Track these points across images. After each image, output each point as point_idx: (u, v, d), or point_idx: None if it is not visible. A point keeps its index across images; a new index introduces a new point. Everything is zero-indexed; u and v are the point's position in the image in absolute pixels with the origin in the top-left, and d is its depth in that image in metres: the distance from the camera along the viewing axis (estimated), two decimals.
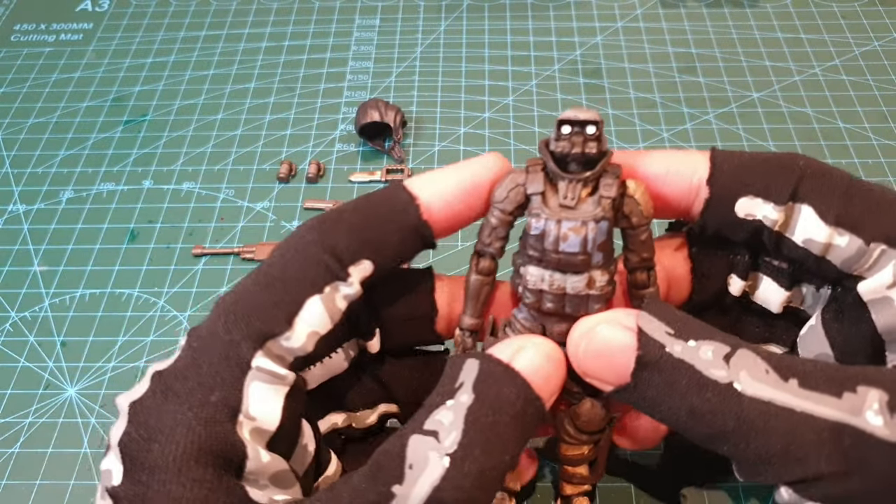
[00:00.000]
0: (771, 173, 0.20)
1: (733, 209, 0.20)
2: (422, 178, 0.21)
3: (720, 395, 0.17)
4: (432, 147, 0.46)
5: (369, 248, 0.20)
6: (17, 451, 0.33)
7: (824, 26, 0.52)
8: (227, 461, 0.16)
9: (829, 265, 0.19)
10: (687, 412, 0.17)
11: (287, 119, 0.48)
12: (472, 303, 0.22)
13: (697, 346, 0.17)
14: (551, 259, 0.19)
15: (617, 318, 0.19)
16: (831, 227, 0.19)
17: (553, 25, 0.53)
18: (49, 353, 0.37)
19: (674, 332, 0.18)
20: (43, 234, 0.42)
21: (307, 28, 0.54)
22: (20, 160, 0.46)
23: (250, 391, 0.17)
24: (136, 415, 0.17)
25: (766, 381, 0.17)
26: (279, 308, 0.18)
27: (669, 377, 0.17)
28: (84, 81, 0.51)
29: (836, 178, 0.19)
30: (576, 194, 0.19)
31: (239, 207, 0.43)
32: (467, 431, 0.17)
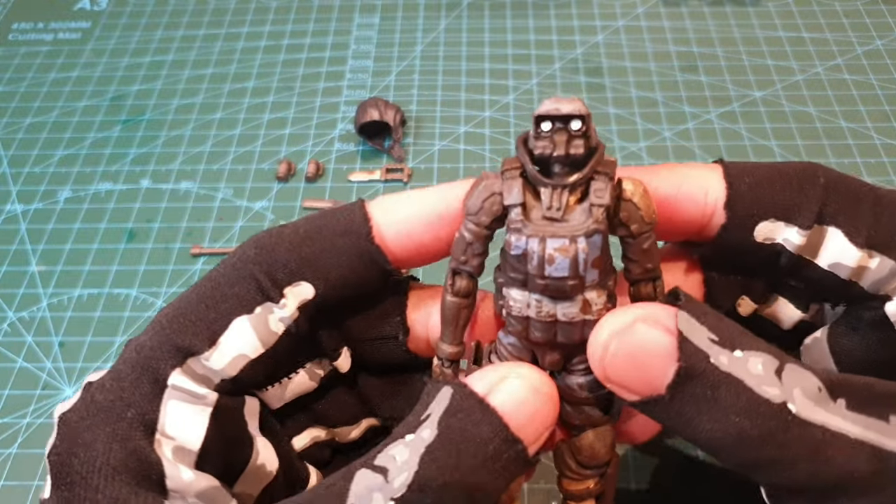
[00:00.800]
0: (792, 193, 0.18)
1: (752, 234, 0.18)
2: (385, 200, 0.19)
3: (774, 417, 0.15)
4: (432, 146, 0.45)
5: (310, 269, 0.18)
6: (15, 451, 0.33)
7: (827, 25, 0.52)
8: (145, 478, 0.16)
9: (854, 287, 0.18)
10: (734, 435, 0.15)
11: (286, 118, 0.47)
12: (449, 328, 0.19)
13: (746, 358, 0.15)
14: (536, 284, 0.16)
15: (655, 315, 0.16)
16: (863, 251, 0.17)
17: (554, 24, 0.53)
18: (47, 354, 0.37)
19: (718, 339, 0.15)
20: (41, 234, 0.42)
21: (306, 27, 0.54)
22: (18, 160, 0.46)
23: (167, 409, 0.17)
24: (62, 427, 0.17)
25: (819, 402, 0.15)
26: (202, 326, 0.17)
27: (715, 393, 0.15)
28: (82, 80, 0.51)
29: (862, 193, 0.18)
30: (562, 203, 0.16)
31: (237, 207, 0.43)
32: (421, 474, 0.15)
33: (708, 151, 0.44)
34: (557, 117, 0.16)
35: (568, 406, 0.19)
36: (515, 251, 0.16)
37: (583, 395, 0.18)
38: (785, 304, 0.20)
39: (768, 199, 0.18)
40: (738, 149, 0.44)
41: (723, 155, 0.44)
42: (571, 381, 0.18)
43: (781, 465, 0.15)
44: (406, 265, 0.19)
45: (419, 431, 0.16)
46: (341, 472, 0.16)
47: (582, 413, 0.19)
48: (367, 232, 0.18)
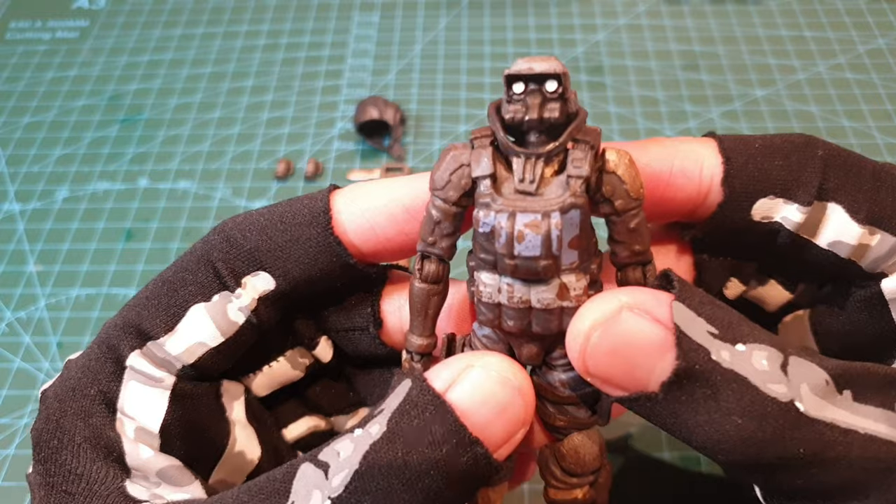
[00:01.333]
0: (791, 167, 0.16)
1: (749, 212, 0.17)
2: (352, 189, 0.18)
3: (781, 416, 0.13)
4: (432, 145, 0.45)
5: (270, 259, 0.17)
6: (14, 452, 0.33)
7: (829, 24, 0.51)
8: (107, 454, 0.16)
9: (851, 267, 0.17)
10: (735, 437, 0.14)
11: (285, 117, 0.47)
12: (418, 318, 0.17)
13: (749, 352, 0.14)
14: (506, 265, 0.15)
15: (643, 303, 0.14)
16: (864, 227, 0.16)
17: (555, 22, 0.53)
18: (45, 354, 0.37)
19: (718, 332, 0.14)
20: (38, 234, 0.42)
21: (305, 25, 0.54)
22: (15, 159, 0.46)
23: (127, 389, 0.17)
24: (42, 403, 0.17)
25: (826, 397, 0.14)
26: (161, 311, 0.17)
27: (716, 393, 0.14)
28: (80, 79, 0.51)
29: (861, 166, 0.17)
30: (535, 175, 0.14)
31: (236, 207, 0.42)
32: (361, 474, 0.14)
33: None
34: (530, 77, 0.14)
35: (549, 405, 0.17)
36: (483, 228, 0.15)
37: (565, 394, 0.17)
38: (774, 286, 0.19)
39: (767, 174, 0.16)
40: None
41: None
42: (553, 378, 0.17)
43: (786, 467, 0.14)
44: (371, 260, 0.18)
45: (368, 427, 0.15)
46: (287, 465, 0.15)
47: (565, 413, 0.17)
48: (327, 223, 0.17)
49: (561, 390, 0.17)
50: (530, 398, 0.16)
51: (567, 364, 0.17)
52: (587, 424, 0.17)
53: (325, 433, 0.22)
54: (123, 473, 0.16)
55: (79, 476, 0.15)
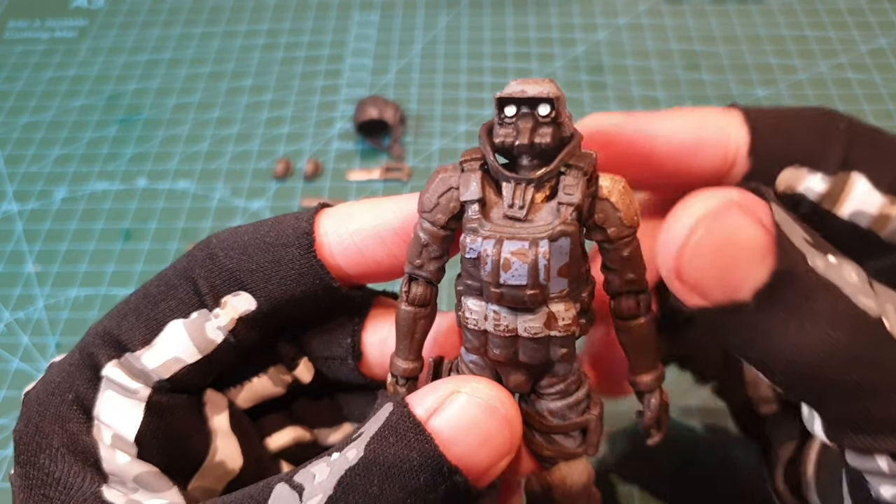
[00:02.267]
0: (815, 137, 0.16)
1: (773, 183, 0.16)
2: (340, 210, 0.17)
3: (870, 331, 0.13)
4: (432, 145, 0.45)
5: (252, 279, 0.17)
6: (12, 454, 0.33)
7: (830, 23, 0.51)
8: (84, 459, 0.16)
9: (871, 238, 0.16)
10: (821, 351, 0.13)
11: (284, 117, 0.47)
12: (404, 342, 0.17)
13: (840, 265, 0.13)
14: (491, 293, 0.14)
15: (752, 204, 0.13)
16: (886, 196, 0.16)
17: (555, 21, 0.52)
18: (44, 354, 0.37)
19: (812, 241, 0.13)
20: (37, 234, 0.42)
21: (305, 24, 0.53)
22: (14, 159, 0.46)
23: (103, 398, 0.17)
24: (24, 405, 0.17)
25: None
26: (140, 324, 0.17)
27: (809, 300, 0.13)
28: (79, 79, 0.51)
29: (886, 137, 0.17)
30: (525, 201, 0.14)
31: (235, 207, 0.42)
32: (335, 500, 0.13)
33: None
34: (523, 100, 0.14)
35: (537, 434, 0.17)
36: (470, 254, 0.14)
37: (553, 423, 0.16)
38: None
39: (792, 143, 0.16)
40: None
41: None
42: (541, 406, 0.16)
43: (863, 391, 0.13)
44: (357, 282, 0.18)
45: (346, 451, 0.14)
46: (263, 482, 0.15)
47: (553, 443, 0.17)
48: (310, 245, 0.17)
49: (549, 419, 0.17)
50: (517, 427, 0.15)
51: (556, 393, 0.16)
52: (575, 455, 0.17)
53: (308, 444, 0.21)
54: (100, 478, 0.16)
55: (56, 480, 0.15)
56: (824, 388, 0.13)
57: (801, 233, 0.13)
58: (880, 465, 0.13)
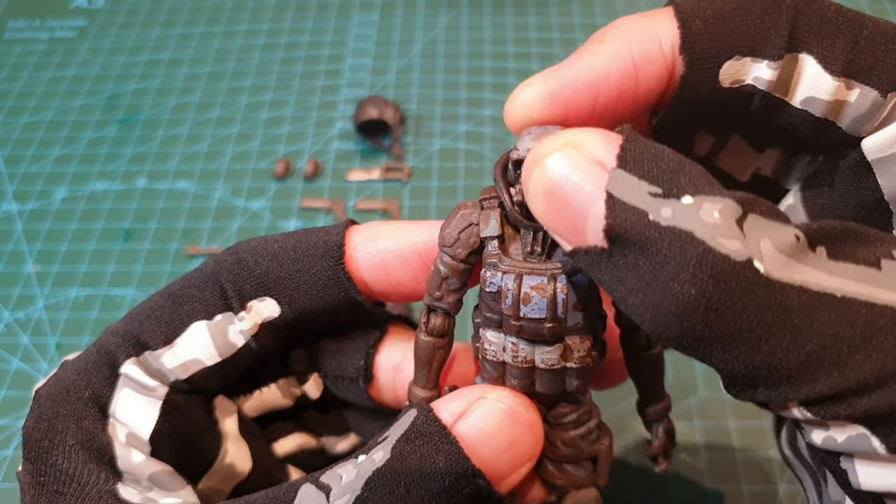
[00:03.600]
0: (755, 20, 0.15)
1: (717, 79, 0.15)
2: (371, 227, 0.18)
3: (734, 277, 0.11)
4: (432, 145, 0.45)
5: (278, 286, 0.17)
6: (12, 454, 0.33)
7: None
8: (99, 457, 0.16)
9: (830, 129, 0.15)
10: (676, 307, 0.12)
11: (284, 117, 0.47)
12: (422, 371, 0.17)
13: (697, 205, 0.12)
14: (511, 325, 0.15)
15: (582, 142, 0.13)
16: (839, 80, 0.14)
17: (555, 21, 0.52)
18: (44, 355, 0.36)
19: (662, 190, 0.12)
20: (37, 234, 0.42)
21: (304, 24, 0.53)
22: (14, 159, 0.46)
23: (120, 396, 0.17)
24: (35, 402, 0.17)
25: (795, 255, 0.12)
26: (162, 323, 0.17)
27: (653, 255, 0.12)
28: (78, 79, 0.50)
29: (838, 13, 0.15)
30: (545, 246, 0.15)
31: (235, 207, 0.42)
32: (363, 500, 0.14)
33: None
34: None
35: (549, 464, 0.17)
36: (490, 288, 0.15)
37: (565, 452, 0.17)
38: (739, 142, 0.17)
39: (730, 32, 0.15)
40: None
41: None
42: (553, 437, 0.17)
43: (743, 340, 0.12)
44: (381, 299, 0.18)
45: (372, 453, 0.15)
46: (288, 484, 0.15)
47: (564, 472, 0.17)
48: (340, 257, 0.17)
49: (561, 449, 0.17)
50: (539, 433, 0.16)
51: (568, 423, 0.17)
52: (586, 484, 0.17)
53: (315, 451, 0.22)
54: (115, 476, 0.16)
55: (70, 477, 0.15)
56: (697, 340, 0.12)
57: (647, 187, 0.12)
58: (795, 415, 0.13)
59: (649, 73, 0.15)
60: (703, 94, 0.15)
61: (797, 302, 0.12)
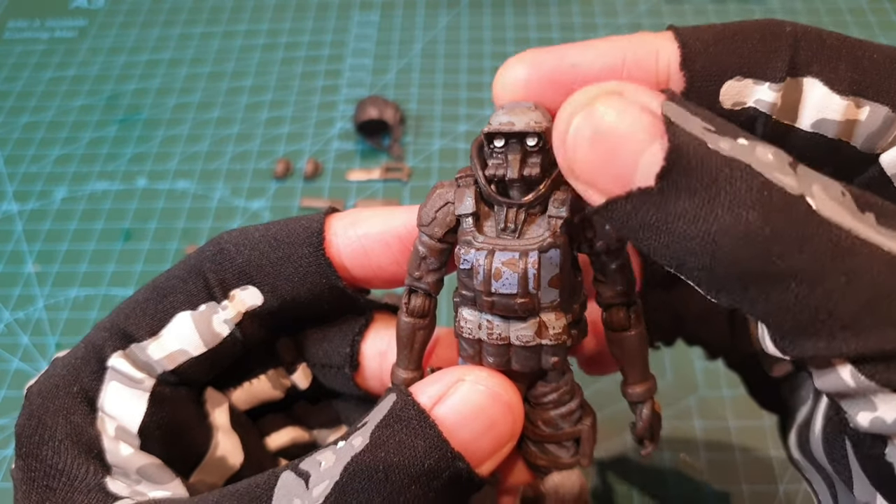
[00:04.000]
0: (755, 44, 0.15)
1: (717, 99, 0.15)
2: (351, 213, 0.18)
3: (790, 209, 0.11)
4: (432, 145, 0.45)
5: (260, 274, 0.17)
6: (12, 453, 0.33)
7: (831, 23, 0.51)
8: (88, 451, 0.16)
9: (845, 149, 0.15)
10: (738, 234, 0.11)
11: (284, 116, 0.47)
12: (404, 352, 0.17)
13: (752, 146, 0.12)
14: (484, 302, 0.15)
15: (634, 91, 0.13)
16: (848, 99, 0.14)
17: (555, 21, 0.52)
18: (43, 355, 0.37)
19: (715, 129, 0.12)
20: (37, 234, 0.42)
21: (304, 24, 0.53)
22: (14, 159, 0.46)
23: (108, 389, 0.17)
24: (26, 399, 0.17)
25: (844, 206, 0.12)
26: (147, 315, 0.17)
27: (715, 180, 0.12)
28: (78, 79, 0.50)
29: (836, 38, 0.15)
30: (518, 222, 0.15)
31: (235, 206, 0.42)
32: (342, 486, 0.14)
33: None
34: (511, 134, 0.14)
35: (531, 444, 0.17)
36: (464, 265, 0.15)
37: (546, 432, 0.17)
38: None
39: (730, 53, 0.15)
40: None
41: None
42: (534, 416, 0.17)
43: (795, 279, 0.11)
44: (363, 285, 0.18)
45: (351, 439, 0.15)
46: (269, 472, 0.15)
47: (546, 453, 0.17)
48: (320, 243, 0.17)
49: (542, 429, 0.17)
50: (519, 413, 0.16)
51: (548, 402, 0.17)
52: (569, 465, 0.17)
53: (307, 444, 0.22)
54: (104, 470, 0.16)
55: (59, 472, 0.16)
56: (751, 279, 0.12)
57: (701, 122, 0.12)
58: (845, 379, 0.12)
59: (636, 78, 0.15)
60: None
61: (849, 245, 0.11)
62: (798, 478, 0.30)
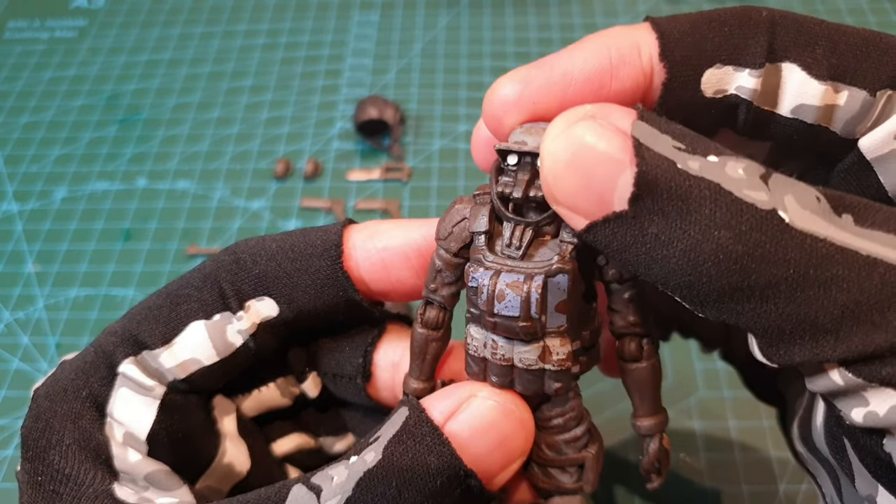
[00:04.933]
0: (733, 30, 0.15)
1: (699, 87, 0.15)
2: (369, 226, 0.18)
3: (761, 226, 0.12)
4: (432, 145, 0.45)
5: (276, 286, 0.17)
6: (12, 454, 0.33)
7: None
8: (96, 456, 0.16)
9: (824, 134, 0.15)
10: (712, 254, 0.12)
11: (284, 116, 0.47)
12: (417, 362, 0.17)
13: (722, 162, 0.12)
14: (487, 322, 0.15)
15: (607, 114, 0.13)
16: (826, 83, 0.15)
17: (555, 21, 0.52)
18: (43, 355, 0.37)
19: (685, 146, 0.13)
20: (37, 234, 0.42)
21: (304, 24, 0.53)
22: (14, 159, 0.46)
23: (118, 395, 0.17)
24: (33, 402, 0.17)
25: (818, 213, 0.12)
26: (160, 323, 0.17)
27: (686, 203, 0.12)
28: (78, 79, 0.50)
29: (814, 23, 0.15)
30: (523, 242, 0.15)
31: (235, 207, 0.42)
32: (354, 502, 0.14)
33: None
34: (522, 152, 0.14)
35: (535, 466, 0.17)
36: (472, 283, 0.15)
37: (549, 456, 0.17)
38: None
39: (708, 41, 0.15)
40: None
41: None
42: (539, 439, 0.17)
43: (774, 291, 0.12)
44: (380, 298, 0.18)
45: (364, 454, 0.15)
46: (280, 484, 0.15)
47: (549, 477, 0.17)
48: (338, 256, 0.17)
49: (546, 453, 0.17)
50: (531, 429, 0.16)
51: (553, 427, 0.17)
52: (571, 491, 0.17)
53: (313, 451, 0.22)
54: (111, 476, 0.16)
55: (67, 476, 0.15)
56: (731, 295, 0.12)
57: (671, 141, 0.13)
58: (834, 380, 0.12)
59: (624, 75, 0.15)
60: (687, 102, 0.15)
61: (825, 253, 0.12)
62: (798, 478, 0.30)
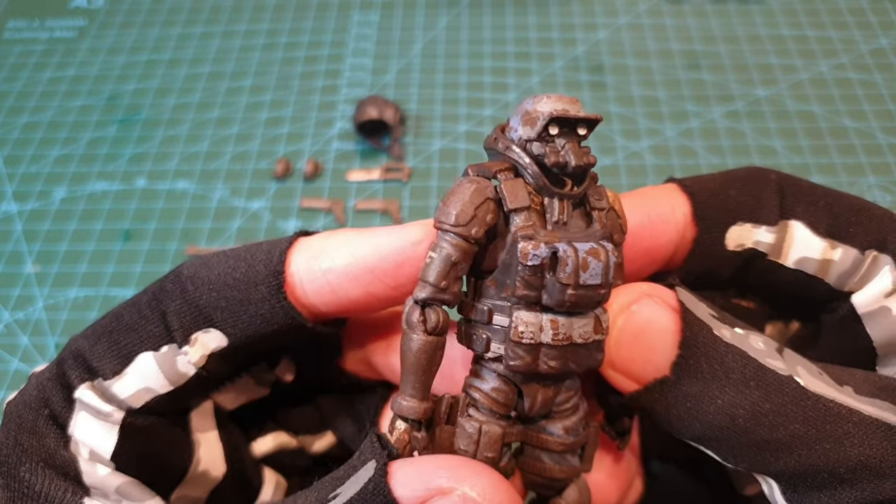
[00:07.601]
0: (751, 193, 0.18)
1: (723, 242, 0.17)
2: (314, 243, 0.17)
3: (783, 388, 0.14)
4: (432, 145, 0.45)
5: (222, 317, 0.17)
6: None
7: (831, 23, 0.51)
8: (64, 472, 0.16)
9: (819, 285, 0.17)
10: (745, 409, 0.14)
11: (284, 117, 0.47)
12: (417, 378, 0.15)
13: (746, 335, 0.15)
14: (565, 297, 0.14)
15: (661, 292, 0.16)
16: (825, 240, 0.17)
17: (555, 21, 0.52)
18: (43, 355, 0.36)
19: (718, 315, 0.15)
20: (36, 235, 0.42)
21: (304, 24, 0.53)
22: (13, 159, 0.46)
23: (77, 419, 0.17)
24: (6, 415, 0.17)
25: (824, 381, 0.15)
26: (111, 352, 0.17)
27: (722, 365, 0.14)
28: (78, 79, 0.50)
29: (813, 187, 0.18)
30: (568, 215, 0.15)
31: (235, 207, 0.42)
32: None
33: (711, 151, 0.44)
34: (567, 120, 0.14)
35: (548, 459, 0.16)
36: (533, 261, 0.14)
37: (570, 441, 0.16)
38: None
39: (731, 202, 0.18)
40: (742, 148, 0.44)
41: (726, 155, 0.44)
42: (555, 427, 0.16)
43: (797, 444, 0.14)
44: (337, 316, 0.18)
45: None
46: None
47: (565, 463, 0.16)
48: (280, 285, 0.16)
49: (566, 437, 0.16)
50: None
51: (570, 408, 0.16)
52: (578, 472, 0.17)
53: (293, 451, 0.22)
54: (82, 491, 0.16)
55: (38, 493, 0.15)
56: (760, 446, 0.14)
57: (707, 309, 0.15)
58: None
59: (663, 232, 0.17)
60: (711, 255, 0.18)
61: (837, 412, 0.14)
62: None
